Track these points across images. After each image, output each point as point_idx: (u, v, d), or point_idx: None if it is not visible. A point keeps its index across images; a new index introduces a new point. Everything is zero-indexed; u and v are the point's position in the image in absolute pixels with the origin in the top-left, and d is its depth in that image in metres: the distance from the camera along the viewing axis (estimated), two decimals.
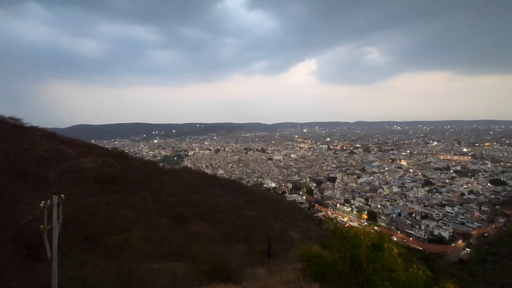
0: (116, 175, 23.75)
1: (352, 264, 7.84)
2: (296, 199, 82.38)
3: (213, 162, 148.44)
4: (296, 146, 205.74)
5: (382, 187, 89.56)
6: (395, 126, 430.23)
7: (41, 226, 5.38)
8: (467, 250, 52.01)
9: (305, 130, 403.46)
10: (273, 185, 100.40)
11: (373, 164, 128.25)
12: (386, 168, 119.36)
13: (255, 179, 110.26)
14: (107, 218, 14.84)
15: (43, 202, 5.47)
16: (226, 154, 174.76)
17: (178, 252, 14.31)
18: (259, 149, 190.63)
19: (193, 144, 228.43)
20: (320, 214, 72.76)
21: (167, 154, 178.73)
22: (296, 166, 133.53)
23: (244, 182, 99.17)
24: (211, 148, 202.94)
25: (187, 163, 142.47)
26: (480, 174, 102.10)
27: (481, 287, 36.62)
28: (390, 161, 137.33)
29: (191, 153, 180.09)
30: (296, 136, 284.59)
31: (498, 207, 69.09)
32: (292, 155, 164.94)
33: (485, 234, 57.38)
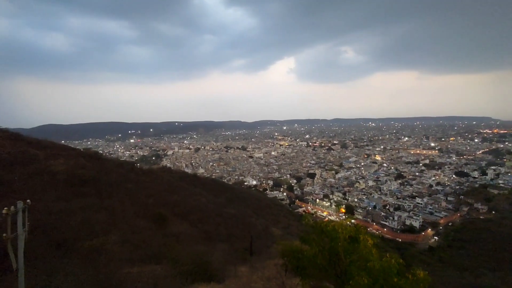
0: (90, 177, 22.61)
1: (330, 257, 8.12)
2: (277, 195, 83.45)
3: (193, 161, 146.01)
4: (276, 143, 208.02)
5: (358, 182, 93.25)
6: (370, 123, 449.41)
7: (4, 235, 5.02)
8: (435, 238, 55.73)
9: (284, 128, 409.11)
10: (254, 182, 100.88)
11: (350, 159, 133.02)
12: (362, 163, 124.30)
13: (236, 177, 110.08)
14: (80, 223, 14.10)
15: (5, 208, 5.08)
16: (207, 153, 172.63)
17: (158, 254, 13.96)
18: (240, 147, 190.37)
19: (172, 143, 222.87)
20: (300, 209, 74.35)
21: (144, 154, 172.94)
22: (276, 163, 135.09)
23: (225, 180, 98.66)
24: (190, 147, 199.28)
25: (166, 162, 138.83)
26: (446, 167, 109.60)
27: (448, 272, 39.50)
28: (365, 156, 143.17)
29: (170, 152, 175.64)
30: (276, 134, 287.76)
31: (462, 197, 74.69)
32: (273, 153, 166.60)
33: (450, 224, 61.81)
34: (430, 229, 59.06)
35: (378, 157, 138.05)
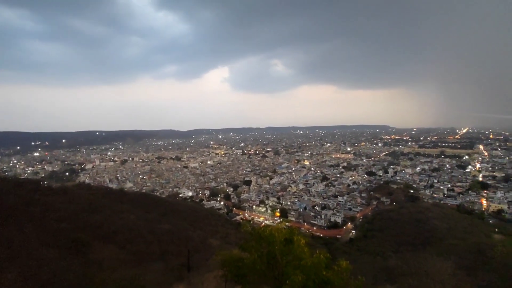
0: None
1: (269, 261, 8.53)
2: (214, 205, 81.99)
3: (119, 175, 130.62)
4: (212, 152, 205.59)
5: (290, 186, 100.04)
6: (299, 131, 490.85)
7: None
8: (353, 232, 64.02)
9: (220, 136, 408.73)
10: (190, 193, 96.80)
11: (282, 165, 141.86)
12: (293, 168, 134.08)
13: (170, 189, 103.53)
14: None
15: None
16: (135, 165, 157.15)
17: None
18: (174, 157, 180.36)
19: (92, 156, 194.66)
20: (238, 217, 74.80)
21: (54, 169, 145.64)
22: (212, 173, 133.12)
23: (158, 193, 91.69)
24: (116, 159, 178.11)
25: (84, 178, 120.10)
26: (359, 168, 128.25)
27: (364, 258, 45.85)
28: (296, 162, 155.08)
29: (89, 166, 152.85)
30: (211, 143, 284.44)
31: (372, 192, 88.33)
32: (209, 162, 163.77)
33: (364, 217, 72.29)
34: (350, 223, 67.60)
35: (306, 162, 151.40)
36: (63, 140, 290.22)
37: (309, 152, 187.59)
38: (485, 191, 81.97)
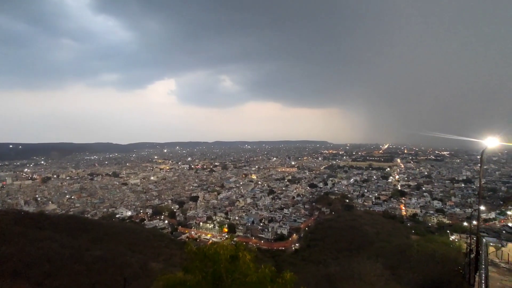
0: None
1: (214, 280, 8.39)
2: (157, 225, 75.95)
3: (39, 195, 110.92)
4: (156, 167, 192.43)
5: (238, 200, 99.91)
6: (246, 145, 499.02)
7: None
8: (297, 243, 66.82)
9: (165, 150, 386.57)
10: (129, 213, 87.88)
11: (230, 180, 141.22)
12: (241, 183, 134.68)
13: (105, 209, 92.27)
14: None
15: None
16: (61, 183, 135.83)
17: None
18: (110, 173, 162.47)
19: (3, 173, 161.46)
20: (184, 236, 70.72)
21: None
22: (156, 189, 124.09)
23: (89, 215, 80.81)
24: (35, 176, 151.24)
25: None
26: (302, 180, 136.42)
27: (308, 267, 48.13)
28: (243, 176, 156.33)
29: None
30: (155, 157, 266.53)
31: (314, 203, 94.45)
32: (152, 177, 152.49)
33: (307, 227, 76.49)
34: (295, 234, 70.46)
35: (254, 176, 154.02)
36: None
37: (257, 166, 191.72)
38: (403, 198, 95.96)
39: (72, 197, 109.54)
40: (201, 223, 79.66)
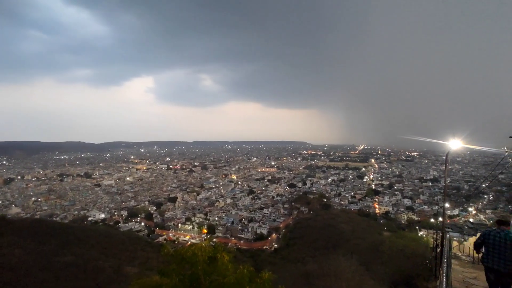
0: None
1: (191, 283, 8.25)
2: (132, 227, 73.23)
3: (0, 198, 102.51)
4: (133, 167, 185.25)
5: (218, 200, 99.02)
6: (226, 145, 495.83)
7: None
8: (275, 244, 67.51)
9: (142, 150, 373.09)
10: (103, 216, 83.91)
11: (210, 180, 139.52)
12: (221, 183, 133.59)
13: (76, 212, 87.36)
14: None
15: None
16: (27, 185, 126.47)
17: None
18: (82, 174, 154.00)
19: None
20: (161, 238, 68.84)
21: None
22: (132, 190, 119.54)
23: (58, 219, 76.24)
24: None
25: None
26: (282, 180, 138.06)
27: (287, 266, 48.80)
28: (223, 176, 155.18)
29: None
30: (132, 157, 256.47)
31: (293, 203, 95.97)
32: (128, 178, 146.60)
33: (286, 226, 77.59)
34: (274, 234, 71.18)
35: (234, 176, 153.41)
36: None
37: (237, 166, 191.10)
38: (377, 196, 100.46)
39: (39, 199, 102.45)
40: (179, 224, 77.99)
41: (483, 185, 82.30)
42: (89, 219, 79.95)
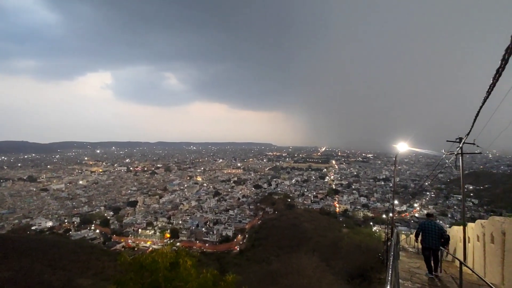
0: None
1: None
2: (86, 235, 67.26)
3: None
4: (86, 170, 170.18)
5: (182, 203, 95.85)
6: (192, 147, 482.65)
7: None
8: (243, 242, 67.78)
9: (98, 151, 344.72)
10: (50, 224, 75.58)
11: (174, 182, 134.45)
12: (186, 185, 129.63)
13: (16, 221, 77.30)
14: None
15: None
16: None
17: None
18: (25, 177, 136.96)
19: None
20: (119, 246, 64.22)
21: None
22: (85, 195, 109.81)
23: None
24: None
25: None
26: (248, 182, 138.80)
27: (252, 267, 49.12)
28: (188, 178, 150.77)
29: None
30: (86, 158, 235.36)
31: (259, 204, 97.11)
32: (80, 182, 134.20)
33: (252, 227, 78.17)
34: (240, 235, 71.15)
35: (199, 178, 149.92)
36: None
37: (202, 168, 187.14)
38: (337, 195, 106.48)
39: None
40: (140, 230, 73.76)
41: (426, 184, 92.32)
42: (33, 228, 71.28)
